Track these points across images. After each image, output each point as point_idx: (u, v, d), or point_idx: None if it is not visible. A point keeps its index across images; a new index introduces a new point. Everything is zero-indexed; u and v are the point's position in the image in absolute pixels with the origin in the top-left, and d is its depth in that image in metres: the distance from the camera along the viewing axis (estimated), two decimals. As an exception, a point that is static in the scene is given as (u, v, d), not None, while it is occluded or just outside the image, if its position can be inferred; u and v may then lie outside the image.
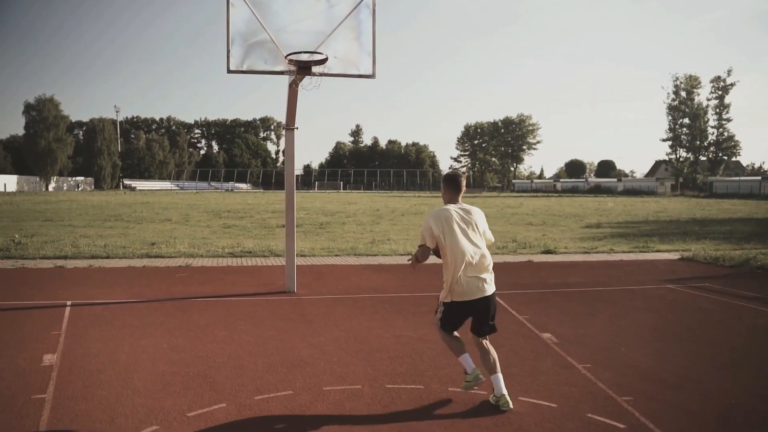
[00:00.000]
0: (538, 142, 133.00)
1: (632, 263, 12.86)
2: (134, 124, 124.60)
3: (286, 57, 6.83)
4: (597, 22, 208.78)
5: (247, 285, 9.36)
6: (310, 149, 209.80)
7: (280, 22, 6.99)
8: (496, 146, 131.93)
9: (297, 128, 8.23)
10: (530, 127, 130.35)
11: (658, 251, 15.13)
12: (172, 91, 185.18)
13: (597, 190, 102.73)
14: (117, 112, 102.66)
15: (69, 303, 7.74)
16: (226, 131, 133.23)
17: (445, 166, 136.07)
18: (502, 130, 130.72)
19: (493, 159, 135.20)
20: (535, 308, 8.11)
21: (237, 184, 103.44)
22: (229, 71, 6.84)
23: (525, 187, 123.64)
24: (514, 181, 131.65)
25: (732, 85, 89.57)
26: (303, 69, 6.74)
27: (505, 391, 4.48)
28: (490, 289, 4.63)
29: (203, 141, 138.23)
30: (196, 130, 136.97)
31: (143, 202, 41.28)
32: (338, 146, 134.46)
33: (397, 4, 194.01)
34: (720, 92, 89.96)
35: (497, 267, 5.11)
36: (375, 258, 13.02)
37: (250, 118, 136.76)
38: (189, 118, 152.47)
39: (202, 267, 11.07)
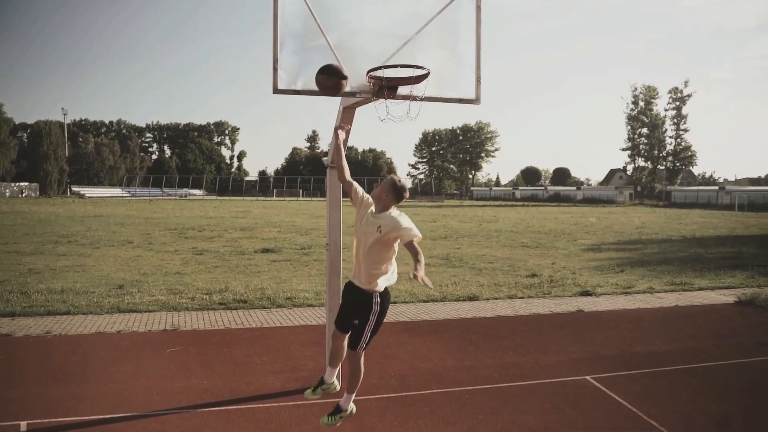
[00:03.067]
0: (496, 149, 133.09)
1: (693, 312, 11.08)
2: (82, 128, 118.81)
3: (367, 73, 4.67)
4: (553, 31, 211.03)
5: (268, 369, 7.03)
6: (265, 154, 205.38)
7: (346, 23, 4.81)
8: (455, 153, 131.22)
9: (344, 165, 6.08)
10: (489, 135, 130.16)
11: (700, 289, 13.51)
12: (123, 93, 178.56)
13: (557, 198, 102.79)
14: (64, 114, 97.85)
15: (24, 427, 5.32)
16: (179, 135, 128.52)
17: (402, 172, 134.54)
18: (461, 138, 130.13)
19: (452, 166, 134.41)
20: (657, 401, 6.10)
21: (191, 191, 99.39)
22: (276, 91, 4.62)
23: (484, 194, 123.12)
24: (472, 188, 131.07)
25: (689, 96, 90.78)
26: (390, 90, 4.59)
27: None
28: None
29: (155, 145, 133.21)
30: (148, 134, 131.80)
31: (96, 215, 38.01)
32: (294, 152, 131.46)
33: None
34: (677, 103, 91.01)
35: (544, 319, 5.32)
36: (402, 308, 10.84)
37: (203, 122, 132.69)
38: (140, 122, 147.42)
39: (194, 332, 8.67)
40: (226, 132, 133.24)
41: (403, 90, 4.79)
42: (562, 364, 7.44)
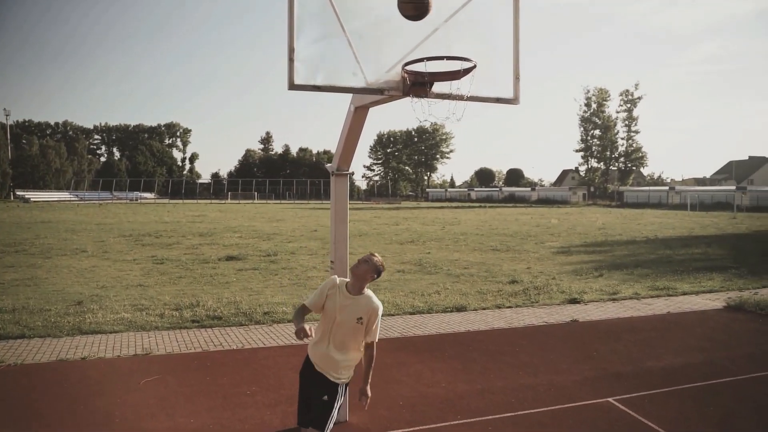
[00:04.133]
0: (451, 151, 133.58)
1: (688, 320, 10.74)
2: (26, 129, 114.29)
3: (404, 67, 3.98)
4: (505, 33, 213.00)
5: (261, 402, 6.23)
6: (217, 157, 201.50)
7: (371, 10, 4.09)
8: (410, 155, 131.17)
9: (353, 172, 5.40)
10: (443, 136, 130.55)
11: (684, 293, 13.27)
12: (69, 94, 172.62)
13: (512, 199, 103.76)
14: (7, 115, 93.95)
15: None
16: (129, 137, 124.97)
17: (358, 174, 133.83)
18: (416, 139, 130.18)
19: (407, 168, 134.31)
20: (692, 426, 5.60)
21: (142, 194, 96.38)
22: (292, 86, 3.88)
23: (439, 196, 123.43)
24: (428, 190, 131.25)
25: (639, 98, 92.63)
26: (423, 87, 3.91)
27: None
28: None
29: (104, 147, 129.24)
30: (96, 136, 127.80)
31: (43, 220, 36.12)
32: (248, 154, 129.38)
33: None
34: (628, 105, 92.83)
35: (541, 331, 5.21)
36: (390, 322, 10.16)
37: (154, 124, 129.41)
38: (88, 123, 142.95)
39: (169, 357, 7.81)
40: (178, 134, 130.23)
41: (438, 87, 4.11)
42: (579, 384, 6.89)
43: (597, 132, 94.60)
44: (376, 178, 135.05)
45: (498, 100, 4.43)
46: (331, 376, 4.33)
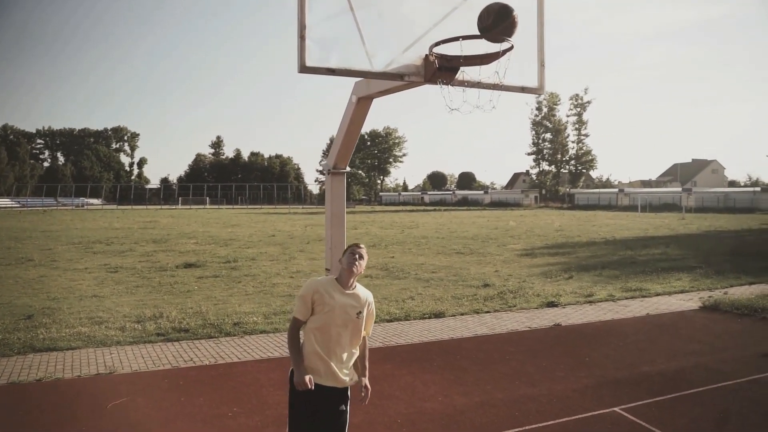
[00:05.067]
0: (404, 154, 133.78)
1: (669, 322, 10.59)
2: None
3: (431, 49, 3.50)
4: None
5: (246, 425, 5.61)
6: (166, 161, 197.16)
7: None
8: (363, 159, 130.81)
9: (348, 170, 4.91)
10: (396, 140, 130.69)
11: (657, 294, 13.20)
12: (10, 97, 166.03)
13: (465, 202, 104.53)
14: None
15: None
16: (74, 142, 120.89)
17: (310, 178, 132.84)
18: (369, 143, 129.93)
19: (360, 172, 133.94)
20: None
21: (89, 200, 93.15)
22: (304, 69, 3.36)
23: (393, 199, 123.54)
24: (381, 193, 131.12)
25: (589, 102, 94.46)
26: (447, 71, 3.45)
27: None
28: None
29: (47, 152, 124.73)
30: (39, 140, 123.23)
31: (-18, 229, 34.34)
32: (198, 158, 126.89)
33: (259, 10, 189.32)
34: (578, 109, 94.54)
35: (526, 337, 5.22)
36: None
37: (100, 128, 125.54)
38: (30, 127, 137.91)
39: (136, 375, 7.13)
40: (125, 138, 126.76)
41: (461, 73, 3.66)
42: (579, 393, 6.55)
43: (548, 135, 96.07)
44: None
45: (523, 89, 4.03)
46: (340, 383, 3.88)
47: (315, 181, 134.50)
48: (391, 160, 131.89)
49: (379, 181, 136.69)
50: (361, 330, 3.95)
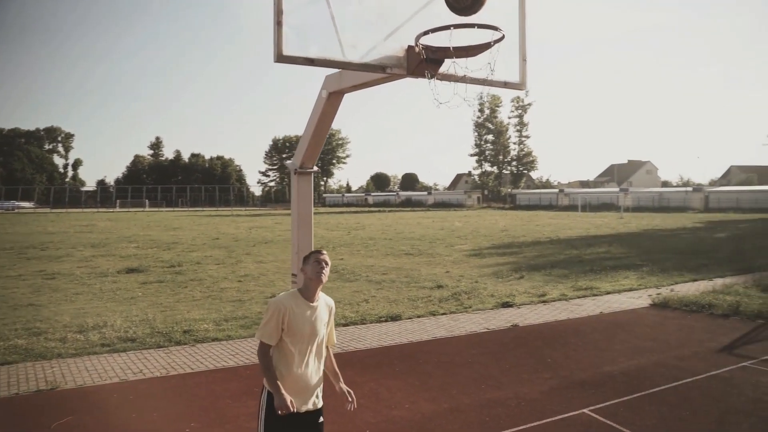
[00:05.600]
0: (347, 156, 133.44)
1: (622, 320, 10.70)
2: None
3: (417, 39, 3.28)
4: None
5: None
6: (103, 163, 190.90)
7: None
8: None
9: (318, 170, 4.65)
10: (340, 141, 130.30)
11: (608, 293, 13.37)
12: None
13: (409, 203, 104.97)
14: None
15: None
16: (3, 142, 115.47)
17: (252, 180, 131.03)
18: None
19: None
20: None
21: (20, 203, 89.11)
22: (281, 58, 3.08)
23: (337, 201, 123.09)
24: (325, 195, 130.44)
25: (529, 104, 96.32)
26: (432, 63, 3.25)
27: None
28: None
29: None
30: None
31: None
32: (137, 159, 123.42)
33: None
34: (519, 111, 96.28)
35: (486, 339, 5.43)
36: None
37: (32, 128, 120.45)
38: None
39: (81, 391, 6.63)
40: (59, 138, 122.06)
41: (448, 66, 3.46)
42: (547, 396, 6.46)
43: (490, 137, 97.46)
44: (272, 184, 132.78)
45: (506, 85, 3.87)
46: (317, 397, 3.73)
47: (257, 182, 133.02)
48: (334, 161, 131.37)
49: (322, 183, 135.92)
50: (325, 341, 3.76)
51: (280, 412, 3.38)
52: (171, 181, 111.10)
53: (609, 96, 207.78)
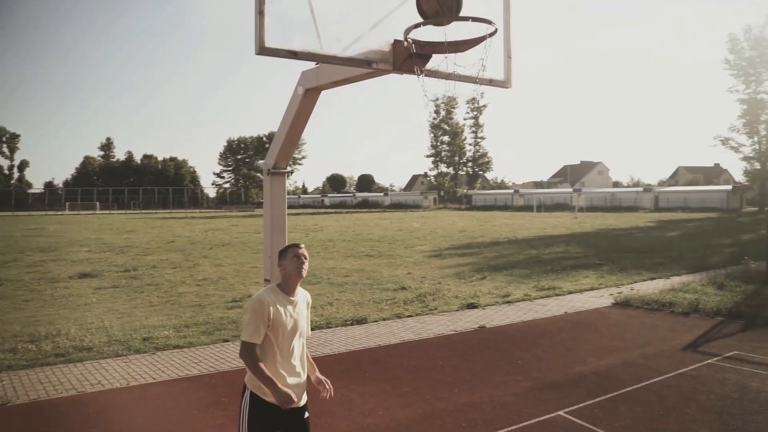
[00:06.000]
0: (303, 157, 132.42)
1: (587, 320, 10.76)
2: None
3: (406, 33, 3.12)
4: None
5: None
6: (51, 164, 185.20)
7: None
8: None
9: (291, 171, 4.46)
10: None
11: (570, 292, 13.48)
12: None
13: (365, 205, 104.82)
14: None
15: None
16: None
17: (207, 181, 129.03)
18: (267, 145, 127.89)
19: (258, 174, 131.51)
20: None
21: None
22: (263, 50, 2.88)
23: (293, 202, 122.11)
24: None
25: (484, 106, 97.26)
26: (420, 59, 3.10)
27: None
28: None
29: None
30: None
31: None
32: (86, 161, 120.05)
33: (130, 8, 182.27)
34: (475, 113, 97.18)
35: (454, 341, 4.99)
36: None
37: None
38: None
39: (35, 406, 6.24)
40: (3, 139, 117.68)
41: (436, 61, 3.31)
42: (521, 398, 6.39)
43: (446, 138, 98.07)
44: (227, 185, 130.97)
45: (491, 82, 3.73)
46: (302, 399, 3.65)
47: (212, 184, 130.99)
48: (291, 162, 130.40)
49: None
50: (306, 334, 3.71)
51: (284, 407, 3.30)
52: (123, 182, 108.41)
53: (561, 98, 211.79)
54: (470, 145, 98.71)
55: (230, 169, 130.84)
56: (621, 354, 8.23)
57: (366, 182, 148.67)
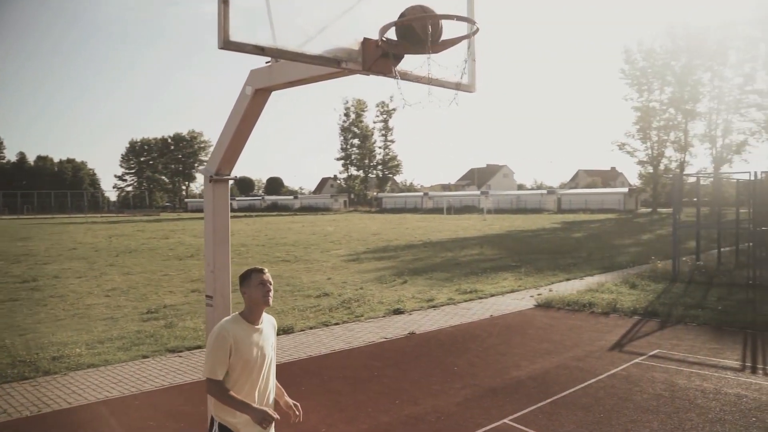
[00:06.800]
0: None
1: (513, 323, 10.88)
2: None
3: (381, 32, 2.86)
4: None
5: None
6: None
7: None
8: (166, 164, 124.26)
9: (235, 178, 4.10)
10: (202, 144, 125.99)
11: (492, 295, 13.63)
12: None
13: (275, 208, 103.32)
14: None
15: None
16: None
17: (108, 184, 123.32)
18: (172, 147, 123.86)
19: (163, 177, 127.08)
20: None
21: None
22: (227, 44, 2.54)
23: (199, 206, 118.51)
24: (187, 200, 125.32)
25: (394, 110, 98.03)
26: (394, 59, 2.87)
27: None
28: None
29: None
30: None
31: None
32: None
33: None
34: (384, 116, 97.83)
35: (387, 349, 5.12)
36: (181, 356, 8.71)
37: None
38: None
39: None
40: None
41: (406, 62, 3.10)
42: (464, 407, 6.28)
43: (356, 141, 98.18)
44: (129, 188, 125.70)
45: (458, 86, 3.55)
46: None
47: (114, 187, 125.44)
48: (196, 165, 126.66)
49: (184, 187, 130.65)
50: (274, 361, 3.57)
51: (264, 425, 3.15)
52: (14, 186, 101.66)
53: (468, 102, 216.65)
54: (380, 148, 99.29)
55: (133, 171, 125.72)
56: (553, 357, 8.31)
57: (275, 185, 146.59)
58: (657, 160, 61.64)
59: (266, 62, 3.55)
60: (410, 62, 3.23)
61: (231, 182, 4.19)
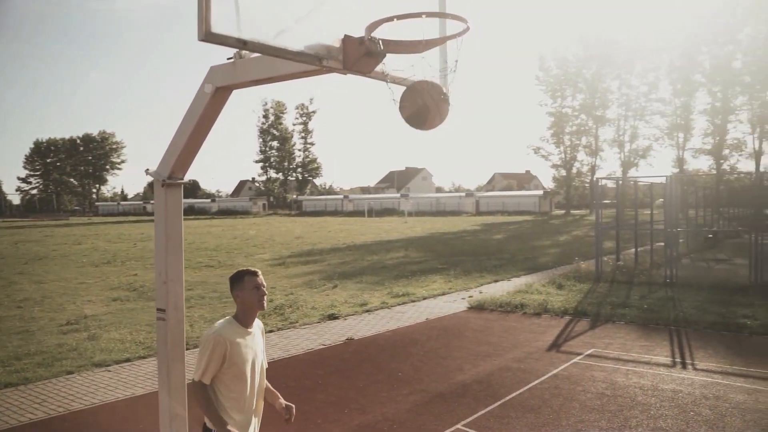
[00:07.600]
0: (122, 161, 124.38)
1: (450, 326, 10.89)
2: None
3: (369, 30, 2.69)
4: (165, 41, 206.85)
5: None
6: None
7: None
8: (75, 165, 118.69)
9: (189, 182, 3.83)
10: (114, 146, 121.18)
11: (424, 298, 13.65)
12: None
13: (192, 211, 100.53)
14: None
15: None
16: None
17: (10, 187, 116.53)
18: (82, 148, 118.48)
19: (72, 180, 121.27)
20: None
21: None
22: (209, 36, 2.31)
23: (111, 209, 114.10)
24: (98, 203, 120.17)
25: (314, 112, 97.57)
26: (377, 57, 2.72)
27: None
28: None
29: None
30: None
31: None
32: None
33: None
34: (304, 118, 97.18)
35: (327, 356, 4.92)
36: (145, 366, 8.26)
37: None
38: None
39: None
40: None
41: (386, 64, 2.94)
42: (414, 414, 6.18)
43: (275, 143, 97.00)
44: (35, 191, 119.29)
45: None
46: (258, 423, 3.60)
47: (17, 190, 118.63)
48: (108, 167, 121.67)
49: (94, 190, 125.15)
50: (265, 365, 3.59)
51: None
52: None
53: (386, 105, 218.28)
54: (299, 150, 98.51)
55: (38, 173, 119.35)
56: (494, 359, 8.35)
57: (191, 188, 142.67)
58: (570, 163, 64.10)
59: (228, 58, 3.33)
60: (392, 62, 3.09)
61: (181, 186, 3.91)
